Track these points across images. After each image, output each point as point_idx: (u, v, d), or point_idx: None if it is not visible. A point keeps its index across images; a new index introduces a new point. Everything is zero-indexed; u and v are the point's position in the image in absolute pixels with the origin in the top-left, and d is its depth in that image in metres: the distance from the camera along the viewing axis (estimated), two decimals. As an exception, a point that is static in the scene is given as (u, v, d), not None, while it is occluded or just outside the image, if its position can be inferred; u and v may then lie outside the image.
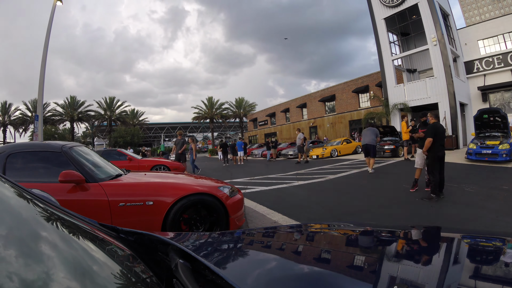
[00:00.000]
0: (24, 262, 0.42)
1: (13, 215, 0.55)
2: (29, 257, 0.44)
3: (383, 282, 0.65)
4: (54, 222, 0.63)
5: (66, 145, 2.97)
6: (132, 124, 41.91)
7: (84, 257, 0.53)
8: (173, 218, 2.78)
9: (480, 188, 5.47)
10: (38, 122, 9.32)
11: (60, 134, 35.39)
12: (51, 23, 9.62)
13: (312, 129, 26.60)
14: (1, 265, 0.39)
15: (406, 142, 11.26)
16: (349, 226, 1.26)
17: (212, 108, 39.95)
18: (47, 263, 0.46)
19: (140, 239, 0.79)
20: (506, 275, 0.66)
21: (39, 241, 0.50)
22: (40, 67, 9.32)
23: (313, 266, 0.78)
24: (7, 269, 0.39)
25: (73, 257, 0.51)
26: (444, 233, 1.13)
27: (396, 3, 16.58)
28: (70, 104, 36.67)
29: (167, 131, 51.58)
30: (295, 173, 9.54)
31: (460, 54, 17.03)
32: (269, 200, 5.30)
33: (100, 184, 2.77)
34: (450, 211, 4.12)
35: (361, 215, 4.21)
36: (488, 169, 7.67)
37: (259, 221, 3.96)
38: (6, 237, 0.46)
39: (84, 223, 0.74)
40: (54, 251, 0.50)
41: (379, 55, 17.90)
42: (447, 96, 14.80)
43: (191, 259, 0.63)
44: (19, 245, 0.46)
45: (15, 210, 0.58)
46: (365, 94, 22.27)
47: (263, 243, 1.04)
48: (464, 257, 0.83)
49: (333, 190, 6.39)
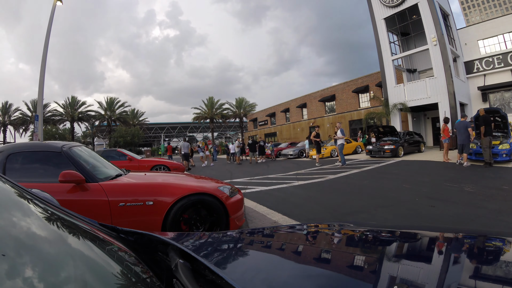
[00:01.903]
0: (24, 262, 0.42)
1: (13, 215, 0.55)
2: (29, 257, 0.44)
3: (383, 282, 0.65)
4: (54, 222, 0.63)
5: (66, 145, 2.97)
6: (132, 124, 41.92)
7: (84, 257, 0.53)
8: (173, 218, 2.78)
9: (480, 188, 5.46)
10: (38, 122, 9.32)
11: (60, 134, 35.39)
12: (51, 23, 9.62)
13: (312, 129, 26.60)
14: (1, 265, 0.39)
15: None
16: (349, 226, 1.26)
17: (212, 108, 39.97)
18: (47, 263, 0.46)
19: (140, 239, 0.79)
20: (506, 275, 0.66)
21: (39, 241, 0.50)
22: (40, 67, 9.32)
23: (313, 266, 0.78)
24: (8, 269, 0.39)
25: (73, 257, 0.51)
26: (444, 233, 1.13)
27: (396, 3, 16.58)
28: (70, 104, 36.70)
29: (167, 131, 51.60)
30: (295, 173, 9.54)
31: (460, 54, 17.03)
32: (269, 200, 5.30)
33: (100, 184, 2.77)
34: (450, 211, 4.12)
35: (361, 215, 4.21)
36: (488, 169, 7.67)
37: (259, 221, 3.96)
38: (6, 237, 0.46)
39: (84, 223, 0.74)
40: (54, 251, 0.50)
41: (379, 55, 17.89)
42: (447, 96, 14.79)
43: (191, 259, 0.63)
44: (19, 245, 0.46)
45: (15, 210, 0.58)
46: (365, 94, 22.27)
47: (263, 243, 1.04)
48: (464, 257, 0.83)
49: (333, 190, 6.39)
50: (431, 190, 5.58)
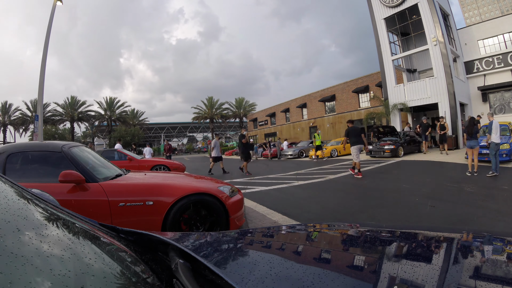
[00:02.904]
0: (24, 262, 0.42)
1: (13, 215, 0.55)
2: (28, 257, 0.44)
3: (383, 282, 0.65)
4: (54, 222, 0.63)
5: (66, 145, 2.97)
6: (132, 124, 41.93)
7: (84, 257, 0.53)
8: (173, 218, 2.78)
9: (480, 188, 5.46)
10: (38, 122, 9.32)
11: (60, 134, 35.39)
12: (51, 23, 9.62)
13: (312, 129, 26.61)
14: (1, 265, 0.39)
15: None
16: (349, 226, 1.26)
17: (212, 108, 39.98)
18: (46, 263, 0.46)
19: (140, 239, 0.79)
20: (506, 275, 0.66)
21: (39, 241, 0.50)
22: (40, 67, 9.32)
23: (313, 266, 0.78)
24: (7, 269, 0.39)
25: (73, 257, 0.51)
26: (444, 233, 1.13)
27: (396, 3, 16.57)
28: (70, 104, 36.71)
29: (167, 131, 51.59)
30: (295, 173, 9.54)
31: (460, 54, 17.03)
32: (269, 200, 5.30)
33: (100, 184, 2.77)
34: (450, 211, 4.12)
35: (361, 215, 4.21)
36: (488, 169, 7.66)
37: (259, 221, 3.96)
38: (6, 237, 0.46)
39: (84, 223, 0.74)
40: (54, 251, 0.50)
41: (379, 55, 17.88)
42: (447, 96, 14.79)
43: (191, 259, 0.63)
44: (19, 245, 0.46)
45: (15, 210, 0.58)
46: (365, 94, 22.27)
47: (263, 243, 1.04)
48: (464, 257, 0.83)
49: (333, 190, 6.39)
50: (431, 190, 5.58)
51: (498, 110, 16.02)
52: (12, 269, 0.40)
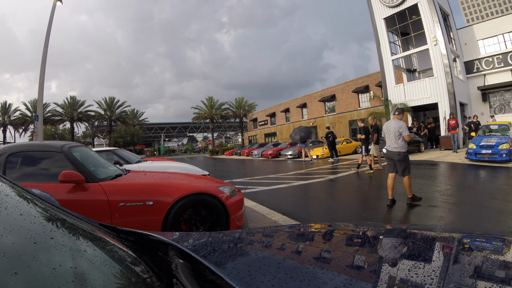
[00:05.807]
0: (24, 262, 0.42)
1: (13, 215, 0.55)
2: (28, 257, 0.44)
3: (383, 282, 0.65)
4: (54, 222, 0.63)
5: (66, 145, 2.97)
6: (132, 124, 41.91)
7: (84, 257, 0.53)
8: (173, 218, 2.78)
9: (480, 188, 5.47)
10: (38, 122, 9.32)
11: (60, 134, 35.40)
12: (51, 23, 9.62)
13: (313, 129, 26.62)
14: (1, 265, 0.39)
15: None
16: (349, 226, 1.26)
17: (212, 108, 39.92)
18: (46, 263, 0.46)
19: (140, 239, 0.79)
20: (506, 275, 0.66)
21: (38, 241, 0.50)
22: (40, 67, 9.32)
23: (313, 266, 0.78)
24: (7, 269, 0.39)
25: (73, 257, 0.51)
26: (444, 233, 1.13)
27: (396, 3, 16.58)
28: (70, 104, 36.68)
29: (167, 131, 51.60)
30: (295, 173, 9.54)
31: (460, 54, 17.03)
32: (269, 200, 5.30)
33: (100, 184, 2.77)
34: (450, 211, 4.12)
35: (361, 215, 4.21)
36: (488, 169, 7.67)
37: (259, 221, 3.96)
38: (6, 237, 0.46)
39: (84, 223, 0.74)
40: (53, 251, 0.50)
41: (379, 55, 17.89)
42: (447, 96, 14.80)
43: (191, 259, 0.63)
44: (19, 245, 0.46)
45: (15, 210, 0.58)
46: (365, 94, 22.28)
47: (263, 243, 1.04)
48: (464, 257, 0.83)
49: (333, 190, 6.39)
50: (430, 190, 5.58)
51: (498, 110, 16.03)
52: (12, 269, 0.40)
